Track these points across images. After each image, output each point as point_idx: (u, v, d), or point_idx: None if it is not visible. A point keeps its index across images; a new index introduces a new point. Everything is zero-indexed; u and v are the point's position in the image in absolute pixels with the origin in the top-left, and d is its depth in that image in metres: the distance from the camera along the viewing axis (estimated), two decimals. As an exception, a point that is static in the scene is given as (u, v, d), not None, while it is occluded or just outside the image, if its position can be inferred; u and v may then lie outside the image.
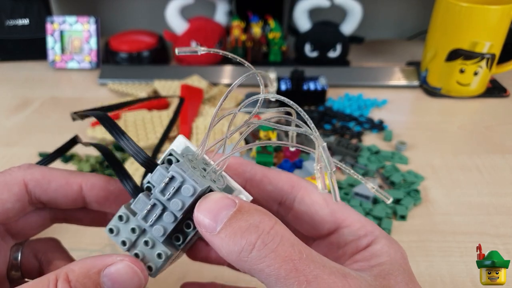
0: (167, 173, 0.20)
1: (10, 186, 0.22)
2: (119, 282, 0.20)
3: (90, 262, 0.20)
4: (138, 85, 0.67)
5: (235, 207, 0.19)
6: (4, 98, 0.68)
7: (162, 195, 0.21)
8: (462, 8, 0.59)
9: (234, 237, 0.18)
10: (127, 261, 0.21)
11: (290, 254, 0.17)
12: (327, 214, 0.23)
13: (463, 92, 0.65)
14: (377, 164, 0.49)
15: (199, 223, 0.19)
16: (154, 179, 0.21)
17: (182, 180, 0.20)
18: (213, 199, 0.20)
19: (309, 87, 0.62)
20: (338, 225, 0.23)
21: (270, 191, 0.24)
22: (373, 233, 0.22)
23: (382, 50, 0.84)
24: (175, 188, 0.20)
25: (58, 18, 0.76)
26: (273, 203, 0.24)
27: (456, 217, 0.42)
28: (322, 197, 0.23)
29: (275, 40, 0.73)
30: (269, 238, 0.18)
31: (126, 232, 0.22)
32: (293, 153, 0.49)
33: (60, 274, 0.20)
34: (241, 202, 0.19)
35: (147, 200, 0.21)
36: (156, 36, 0.78)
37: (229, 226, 0.18)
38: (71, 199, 0.24)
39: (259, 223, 0.18)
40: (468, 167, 0.50)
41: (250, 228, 0.18)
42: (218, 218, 0.19)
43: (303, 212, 0.23)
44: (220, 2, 0.75)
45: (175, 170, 0.20)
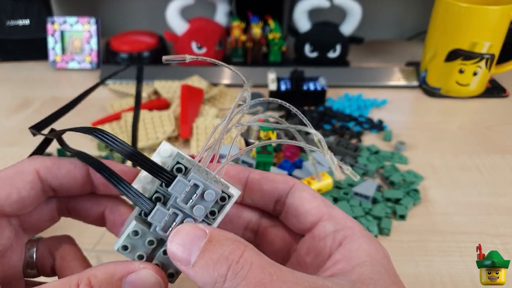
0: (188, 182, 0.21)
1: (23, 175, 0.23)
2: (137, 285, 0.20)
3: (112, 268, 0.21)
4: (139, 85, 0.67)
5: (206, 238, 0.19)
6: (4, 98, 0.68)
7: (185, 203, 0.21)
8: (461, 9, 0.59)
9: (207, 270, 0.18)
10: (149, 269, 0.21)
11: (261, 278, 0.18)
12: (313, 207, 0.24)
13: (463, 92, 0.65)
14: (376, 164, 0.49)
15: (173, 257, 0.20)
16: (176, 189, 0.21)
17: (203, 187, 0.21)
18: (184, 230, 0.20)
19: (309, 87, 0.62)
20: (320, 218, 0.24)
21: (266, 190, 0.25)
22: (351, 228, 0.23)
23: (382, 51, 0.84)
24: (197, 195, 0.21)
25: (58, 19, 0.76)
26: (270, 202, 0.26)
27: (455, 217, 0.43)
28: (310, 193, 0.25)
29: (275, 40, 0.73)
30: (239, 267, 0.18)
31: (142, 246, 0.22)
32: (293, 153, 0.49)
33: (83, 278, 0.20)
34: (211, 232, 0.20)
35: (165, 211, 0.21)
36: (156, 37, 0.78)
37: (201, 259, 0.19)
38: (80, 183, 0.25)
39: (229, 253, 0.19)
40: (468, 167, 0.50)
41: (220, 259, 0.18)
42: (191, 251, 0.19)
43: (291, 205, 0.25)
44: (220, 2, 0.75)
45: (196, 179, 0.21)
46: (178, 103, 0.59)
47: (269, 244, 0.27)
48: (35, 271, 0.26)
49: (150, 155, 0.56)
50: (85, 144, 0.54)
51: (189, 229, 0.20)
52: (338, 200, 0.44)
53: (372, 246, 0.22)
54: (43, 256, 0.26)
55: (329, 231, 0.23)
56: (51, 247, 0.26)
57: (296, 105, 0.63)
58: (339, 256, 0.22)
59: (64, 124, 0.57)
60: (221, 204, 0.23)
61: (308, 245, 0.24)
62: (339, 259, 0.21)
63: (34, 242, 0.26)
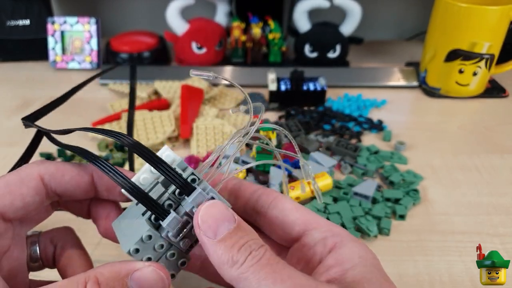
0: (207, 195, 0.22)
1: (27, 181, 0.23)
2: (145, 286, 0.21)
3: (118, 266, 0.21)
4: (139, 85, 0.67)
5: (235, 223, 0.21)
6: (4, 98, 0.68)
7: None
8: (461, 9, 0.59)
9: (231, 251, 0.20)
10: (154, 267, 0.22)
11: (269, 260, 0.20)
12: (298, 217, 0.25)
13: (462, 93, 0.65)
14: (376, 164, 0.49)
15: (201, 227, 0.21)
16: (196, 200, 0.22)
17: (218, 199, 0.23)
18: (218, 206, 0.22)
19: (309, 88, 0.62)
20: (307, 227, 0.24)
21: (248, 198, 0.26)
22: (340, 234, 0.23)
23: (381, 51, 0.84)
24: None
25: (59, 19, 0.76)
26: (252, 213, 0.26)
27: (455, 217, 0.43)
28: (292, 204, 0.25)
29: (275, 40, 0.74)
30: (257, 253, 0.20)
31: (151, 249, 0.23)
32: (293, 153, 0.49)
33: (90, 276, 0.21)
34: (239, 220, 0.21)
35: (179, 218, 0.22)
36: (156, 37, 0.78)
37: (229, 240, 0.20)
38: (83, 188, 0.25)
39: (253, 243, 0.21)
40: (468, 167, 0.50)
41: (246, 246, 0.20)
42: (219, 228, 0.21)
43: (275, 217, 0.25)
44: (220, 3, 0.75)
45: (213, 192, 0.23)
46: (178, 103, 0.59)
47: None
48: (38, 264, 0.26)
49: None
50: (85, 145, 0.54)
51: (223, 208, 0.22)
52: (338, 200, 0.44)
53: (361, 249, 0.22)
54: (45, 247, 0.26)
55: (318, 238, 0.23)
56: (52, 238, 0.27)
57: (296, 105, 0.64)
58: (332, 261, 0.22)
59: (64, 124, 0.57)
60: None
61: (297, 255, 0.24)
62: (332, 264, 0.22)
63: (36, 236, 0.27)
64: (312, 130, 0.57)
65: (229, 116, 0.60)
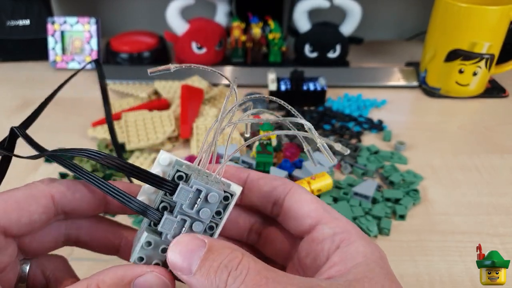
0: (190, 188, 0.22)
1: (37, 198, 0.23)
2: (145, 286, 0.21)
3: (120, 273, 0.21)
4: (139, 85, 0.67)
5: (205, 247, 0.20)
6: (4, 98, 0.68)
7: (191, 209, 0.22)
8: (461, 9, 0.59)
9: (208, 277, 0.19)
10: (156, 272, 0.22)
11: (257, 281, 0.19)
12: (311, 210, 0.24)
13: (462, 93, 0.65)
14: (376, 164, 0.49)
15: (174, 266, 0.21)
16: (181, 197, 0.22)
17: (206, 190, 0.22)
18: (184, 241, 0.21)
19: (309, 88, 0.62)
20: (318, 221, 0.24)
21: (265, 191, 0.26)
22: (349, 231, 0.23)
23: (381, 51, 0.84)
24: (201, 199, 0.22)
25: (59, 19, 0.76)
26: (268, 204, 0.26)
27: (455, 217, 0.43)
28: (308, 196, 0.25)
29: (275, 40, 0.74)
30: (238, 273, 0.19)
31: (156, 254, 0.23)
32: (292, 153, 0.50)
33: (91, 284, 0.20)
34: (210, 242, 0.21)
35: (173, 219, 0.22)
36: (156, 37, 0.78)
37: (202, 267, 0.20)
38: (93, 206, 0.25)
39: (228, 261, 0.20)
40: (468, 167, 0.50)
41: (220, 267, 0.19)
42: (192, 260, 0.20)
43: (290, 208, 0.25)
44: (220, 3, 0.75)
45: (197, 184, 0.22)
46: (178, 103, 0.59)
47: (271, 246, 0.27)
48: (25, 286, 0.25)
49: (150, 155, 0.56)
50: (85, 144, 0.54)
51: (189, 239, 0.21)
52: (338, 200, 0.44)
53: (368, 248, 0.22)
54: (35, 274, 0.25)
55: (327, 234, 0.23)
56: (44, 267, 0.26)
57: (296, 105, 0.64)
58: (336, 258, 0.22)
59: (65, 124, 0.57)
60: (225, 203, 0.23)
61: (307, 248, 0.24)
62: (336, 262, 0.22)
63: (27, 258, 0.26)
64: (312, 130, 0.57)
65: (229, 116, 0.60)
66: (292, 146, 0.50)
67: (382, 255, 0.22)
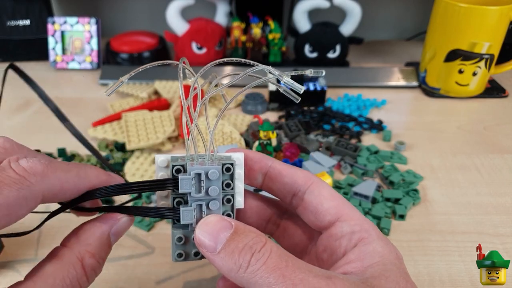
0: (189, 176, 0.23)
1: (28, 202, 0.20)
2: (121, 233, 0.24)
3: (99, 231, 0.23)
4: (139, 85, 0.68)
5: (232, 229, 0.21)
6: (5, 98, 0.68)
7: (199, 193, 0.23)
8: (461, 9, 0.59)
9: (232, 257, 0.20)
10: (126, 216, 0.24)
11: (278, 263, 0.20)
12: (331, 207, 0.25)
13: (462, 93, 0.65)
14: (376, 164, 0.50)
15: (200, 244, 0.22)
16: (184, 186, 0.23)
17: (205, 171, 0.23)
18: (212, 221, 0.22)
19: (309, 88, 0.62)
20: (338, 218, 0.24)
21: (286, 183, 0.26)
22: (368, 231, 0.23)
23: (381, 51, 0.84)
24: (204, 180, 0.23)
25: (59, 19, 0.76)
26: (288, 195, 0.26)
27: (455, 216, 0.43)
28: (329, 192, 0.25)
29: (275, 41, 0.74)
30: (260, 255, 0.20)
31: (191, 246, 0.25)
32: (292, 153, 0.50)
33: (81, 252, 0.21)
34: (236, 224, 0.22)
35: (189, 208, 0.23)
36: (156, 37, 0.78)
37: (228, 247, 0.21)
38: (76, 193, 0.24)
39: (253, 243, 0.21)
40: (467, 167, 0.50)
41: (245, 248, 0.20)
42: (218, 240, 0.21)
43: (310, 203, 0.25)
44: (220, 3, 0.75)
45: (193, 169, 0.23)
46: (178, 103, 0.59)
47: (289, 238, 0.28)
48: None
49: (151, 155, 0.56)
50: (86, 144, 0.55)
51: (217, 220, 0.22)
52: (338, 200, 0.44)
53: (386, 248, 0.23)
54: None
55: (346, 232, 0.24)
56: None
57: (296, 105, 0.64)
58: (353, 256, 0.23)
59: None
60: (229, 173, 0.24)
61: (325, 243, 0.25)
62: (353, 259, 0.22)
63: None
64: (312, 130, 0.57)
65: (229, 116, 0.61)
66: (292, 146, 0.50)
67: (398, 256, 0.23)
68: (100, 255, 0.22)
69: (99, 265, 0.22)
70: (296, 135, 0.54)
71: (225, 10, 0.76)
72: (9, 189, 0.19)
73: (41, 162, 0.21)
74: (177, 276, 0.36)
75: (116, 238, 0.24)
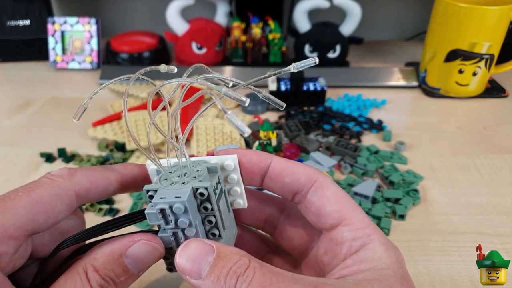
0: (154, 211, 0.22)
1: (62, 199, 0.23)
2: (141, 259, 0.22)
3: (110, 248, 0.22)
4: (139, 85, 0.67)
5: (214, 253, 0.21)
6: (5, 98, 0.68)
7: (168, 225, 0.22)
8: (461, 9, 0.59)
9: (218, 283, 0.20)
10: (144, 239, 0.22)
11: (261, 282, 0.20)
12: (334, 210, 0.24)
13: (462, 93, 0.65)
14: (376, 164, 0.50)
15: (183, 271, 0.21)
16: (152, 220, 0.22)
17: (169, 205, 0.22)
18: (192, 247, 0.21)
19: (309, 88, 0.62)
20: (340, 222, 0.24)
21: (287, 183, 0.25)
22: (369, 236, 0.23)
23: (381, 51, 0.84)
24: (170, 215, 0.22)
25: (59, 19, 0.76)
26: (289, 194, 0.26)
27: (455, 216, 0.43)
28: (332, 192, 0.24)
29: (275, 41, 0.74)
30: (245, 278, 0.20)
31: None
32: (292, 153, 0.50)
33: (87, 265, 0.21)
34: (218, 248, 0.21)
35: (166, 235, 0.23)
36: (156, 37, 0.78)
37: (212, 274, 0.20)
38: (109, 193, 0.25)
39: (237, 268, 0.20)
40: (467, 167, 0.50)
41: (230, 273, 0.20)
42: (201, 266, 0.21)
43: (313, 204, 0.24)
44: (220, 3, 0.75)
45: (157, 204, 0.22)
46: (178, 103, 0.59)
47: (288, 240, 0.28)
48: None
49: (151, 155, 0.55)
50: (85, 144, 0.55)
51: (197, 244, 0.21)
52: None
53: (386, 253, 0.22)
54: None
55: (347, 238, 0.23)
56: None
57: (296, 105, 0.64)
58: (350, 261, 0.22)
59: (65, 123, 0.57)
60: (204, 199, 0.23)
61: (326, 246, 0.25)
62: (350, 264, 0.22)
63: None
64: (312, 130, 0.57)
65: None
66: (292, 146, 0.50)
67: (399, 259, 0.23)
68: (105, 273, 0.21)
69: (106, 284, 0.21)
70: (296, 135, 0.54)
71: (225, 10, 0.76)
72: (42, 189, 0.22)
73: (67, 168, 0.24)
74: (175, 275, 0.36)
75: (135, 263, 0.22)
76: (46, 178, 0.23)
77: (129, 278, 0.22)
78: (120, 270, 0.22)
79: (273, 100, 0.22)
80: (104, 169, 0.25)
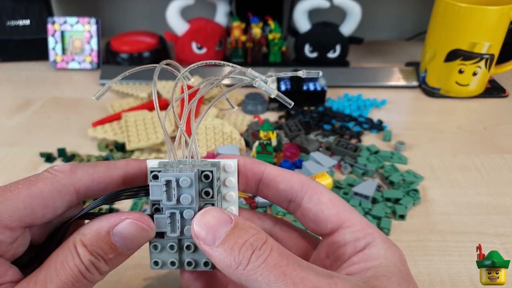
0: (160, 183, 0.22)
1: (62, 195, 0.23)
2: (129, 238, 0.22)
3: (98, 225, 0.22)
4: (139, 85, 0.67)
5: (232, 224, 0.21)
6: (5, 98, 0.68)
7: (170, 201, 0.22)
8: (461, 9, 0.59)
9: (231, 253, 0.20)
10: (131, 218, 0.22)
11: (279, 261, 0.19)
12: (332, 214, 0.24)
13: (462, 93, 0.65)
14: (376, 164, 0.50)
15: (198, 236, 0.21)
16: (155, 194, 0.22)
17: (176, 178, 0.22)
18: (212, 214, 0.21)
19: (309, 88, 0.62)
20: (340, 225, 0.24)
21: (282, 190, 0.25)
22: (372, 235, 0.23)
23: (382, 51, 0.84)
24: (175, 188, 0.22)
25: (59, 19, 0.76)
26: (284, 201, 0.26)
27: (455, 216, 0.43)
28: (328, 197, 0.25)
29: (275, 40, 0.74)
30: (261, 252, 0.20)
31: (168, 254, 0.24)
32: (292, 153, 0.50)
33: (76, 240, 0.21)
34: (236, 219, 0.21)
35: (163, 216, 0.23)
36: (156, 37, 0.78)
37: (227, 242, 0.20)
38: (110, 189, 0.25)
39: (254, 240, 0.20)
40: (467, 167, 0.50)
41: (246, 244, 0.20)
42: (217, 233, 0.21)
43: (309, 210, 0.25)
44: (220, 3, 0.75)
45: (164, 175, 0.22)
46: (178, 103, 0.59)
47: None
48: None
49: (151, 155, 0.55)
50: (85, 144, 0.55)
51: (216, 212, 0.21)
52: (338, 200, 0.44)
53: (389, 251, 0.23)
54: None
55: (349, 239, 0.23)
56: None
57: (296, 105, 0.64)
58: (356, 259, 0.23)
59: (65, 123, 0.57)
60: (208, 181, 0.23)
61: (327, 250, 0.25)
62: (356, 261, 0.22)
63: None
64: (312, 130, 0.57)
65: (229, 116, 0.61)
66: (292, 146, 0.50)
67: (402, 257, 0.23)
68: (93, 248, 0.21)
69: (95, 259, 0.21)
70: (296, 135, 0.54)
71: (225, 10, 0.76)
72: (43, 183, 0.22)
73: (69, 164, 0.24)
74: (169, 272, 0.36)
75: (123, 241, 0.22)
76: (48, 173, 0.23)
77: (118, 256, 0.22)
78: (107, 247, 0.22)
79: (283, 98, 0.23)
80: (107, 166, 0.25)
